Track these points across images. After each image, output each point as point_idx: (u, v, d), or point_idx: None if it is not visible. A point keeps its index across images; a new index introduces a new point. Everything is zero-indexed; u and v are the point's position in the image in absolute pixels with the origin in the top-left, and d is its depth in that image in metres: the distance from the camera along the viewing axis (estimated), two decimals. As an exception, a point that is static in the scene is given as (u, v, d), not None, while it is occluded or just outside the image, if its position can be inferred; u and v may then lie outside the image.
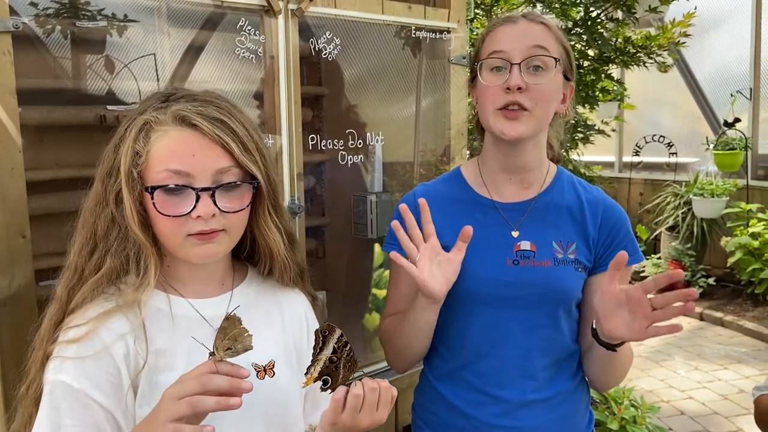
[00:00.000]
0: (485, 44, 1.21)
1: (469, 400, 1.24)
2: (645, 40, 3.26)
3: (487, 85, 1.17)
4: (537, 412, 1.23)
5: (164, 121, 0.94)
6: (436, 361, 1.31)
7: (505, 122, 1.16)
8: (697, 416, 3.44)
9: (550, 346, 1.24)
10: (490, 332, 1.22)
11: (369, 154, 1.98)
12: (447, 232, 1.23)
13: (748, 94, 5.51)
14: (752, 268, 4.69)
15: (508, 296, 1.20)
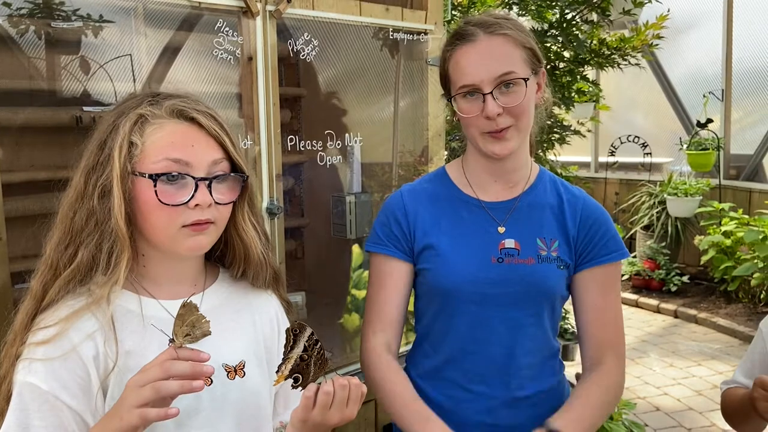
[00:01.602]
0: (451, 71, 1.21)
1: (453, 396, 1.25)
2: (619, 42, 3.31)
3: (465, 115, 1.19)
4: (520, 411, 1.25)
5: (160, 115, 0.96)
6: (420, 358, 1.31)
7: (494, 143, 1.19)
8: (672, 412, 3.50)
9: (534, 345, 1.26)
10: (475, 330, 1.23)
11: (347, 155, 1.99)
12: (434, 231, 1.25)
13: (720, 95, 5.62)
14: (725, 266, 4.78)
15: (493, 294, 1.22)
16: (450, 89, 1.23)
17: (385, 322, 1.27)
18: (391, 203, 1.30)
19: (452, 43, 1.21)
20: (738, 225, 4.78)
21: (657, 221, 5.62)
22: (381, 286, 1.28)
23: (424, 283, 1.27)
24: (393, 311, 1.28)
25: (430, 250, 1.24)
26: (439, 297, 1.24)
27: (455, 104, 1.21)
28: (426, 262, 1.25)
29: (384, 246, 1.28)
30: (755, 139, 5.58)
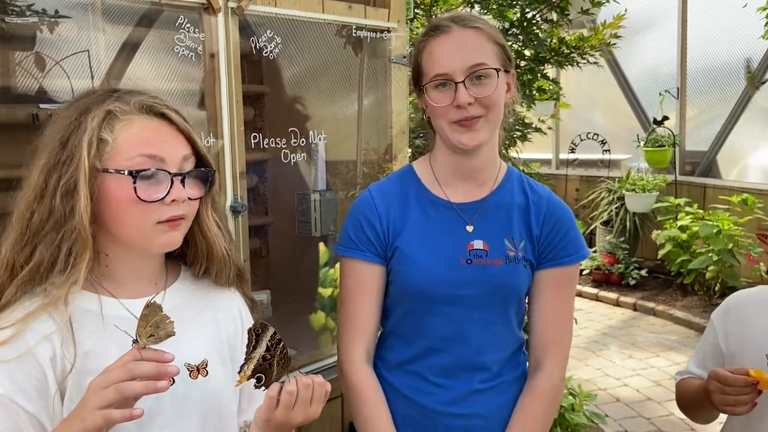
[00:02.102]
0: (424, 62, 1.21)
1: (419, 389, 1.26)
2: (578, 41, 3.38)
3: (436, 105, 1.19)
4: (484, 399, 1.27)
5: (129, 111, 0.95)
6: (387, 353, 1.31)
7: (463, 133, 1.19)
8: (631, 402, 3.60)
9: (502, 341, 1.29)
10: (445, 330, 1.24)
11: (312, 153, 1.99)
12: (404, 233, 1.25)
13: (676, 93, 5.79)
14: (681, 259, 4.93)
15: (462, 295, 1.23)
16: (421, 81, 1.22)
17: (364, 330, 1.27)
18: (363, 205, 1.28)
19: (426, 35, 1.22)
20: (693, 219, 4.93)
21: (616, 217, 5.77)
22: (357, 292, 1.26)
23: (393, 284, 1.27)
24: (371, 318, 1.27)
25: (400, 251, 1.24)
26: (409, 298, 1.25)
27: (426, 95, 1.21)
28: (396, 264, 1.25)
29: (358, 250, 1.25)
30: (709, 136, 5.77)
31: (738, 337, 1.25)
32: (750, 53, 5.23)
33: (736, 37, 5.29)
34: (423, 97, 1.24)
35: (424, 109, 1.28)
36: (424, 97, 1.23)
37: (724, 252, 4.58)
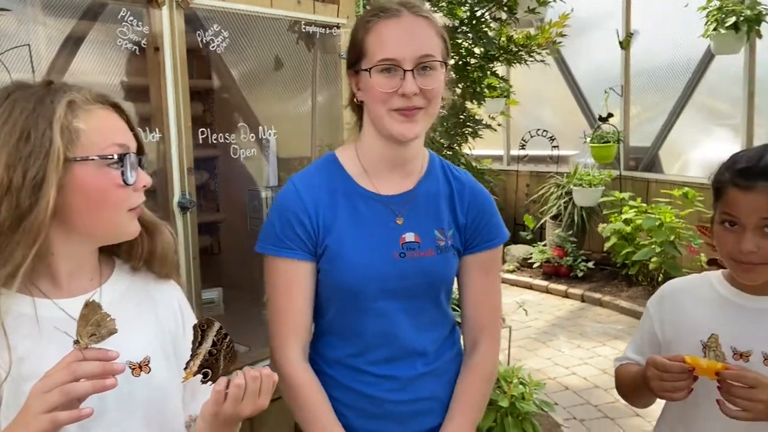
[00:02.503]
0: (370, 43, 1.16)
1: (364, 381, 1.27)
2: (525, 40, 3.46)
3: (380, 90, 1.15)
4: (429, 382, 1.30)
5: (88, 101, 0.95)
6: (325, 350, 1.31)
7: (403, 123, 1.16)
8: (580, 390, 3.72)
9: (436, 325, 1.32)
10: (383, 325, 1.25)
11: (263, 148, 1.98)
12: (335, 229, 1.22)
13: (620, 91, 5.98)
14: (626, 251, 5.10)
15: (397, 289, 1.24)
16: (362, 62, 1.18)
17: (299, 329, 1.25)
18: (290, 201, 1.23)
19: (374, 15, 1.17)
20: (637, 213, 5.11)
21: (564, 211, 5.92)
22: (289, 291, 1.23)
23: (325, 283, 1.25)
24: (305, 318, 1.26)
25: (332, 250, 1.22)
26: (343, 296, 1.24)
27: (368, 77, 1.16)
28: (328, 263, 1.23)
29: (288, 249, 1.21)
30: (652, 133, 5.98)
31: (673, 324, 1.30)
32: (691, 52, 5.44)
33: (678, 36, 5.49)
34: (360, 78, 1.19)
35: (355, 91, 1.23)
36: (362, 79, 1.18)
37: (666, 244, 4.76)
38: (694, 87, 5.55)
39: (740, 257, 1.16)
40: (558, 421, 3.23)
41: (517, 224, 6.69)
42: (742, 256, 1.15)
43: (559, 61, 6.38)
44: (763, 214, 1.12)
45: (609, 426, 3.32)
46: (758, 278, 1.17)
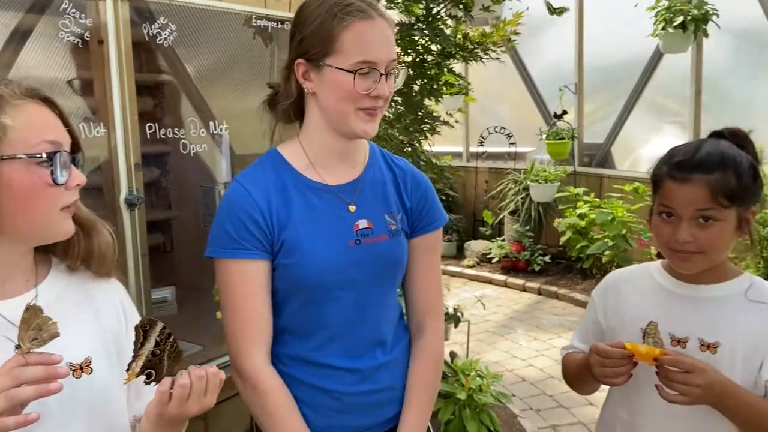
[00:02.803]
0: (348, 41, 1.15)
1: (324, 376, 1.27)
2: (481, 37, 3.50)
3: (355, 90, 1.16)
4: (389, 371, 1.31)
5: (18, 95, 0.91)
6: (283, 349, 1.29)
7: (368, 122, 1.20)
8: (536, 381, 3.79)
9: (393, 312, 1.34)
10: (344, 314, 1.25)
11: (216, 144, 1.96)
12: (290, 224, 1.22)
13: (574, 89, 6.11)
14: (580, 245, 5.23)
15: (357, 276, 1.24)
16: (330, 56, 1.16)
17: (263, 331, 1.23)
18: (239, 201, 1.21)
19: (347, 13, 1.16)
20: (591, 208, 5.24)
21: (522, 206, 6.03)
22: (249, 293, 1.21)
23: (284, 278, 1.24)
24: (268, 320, 1.24)
25: (289, 244, 1.21)
26: (304, 289, 1.23)
27: (336, 74, 1.15)
28: (286, 258, 1.22)
29: (244, 250, 1.19)
30: (605, 130, 6.13)
31: (615, 313, 1.34)
32: (641, 51, 5.59)
33: (629, 36, 5.64)
34: (321, 72, 1.18)
35: (302, 82, 1.21)
36: (325, 74, 1.17)
37: (618, 237, 4.90)
38: (644, 85, 5.71)
39: (677, 247, 1.20)
40: (515, 412, 3.29)
41: (477, 220, 6.77)
42: (678, 246, 1.19)
43: (515, 59, 6.48)
44: (698, 206, 1.16)
45: (564, 414, 3.40)
46: (694, 268, 1.22)
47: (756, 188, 1.20)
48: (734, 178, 1.16)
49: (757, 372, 1.17)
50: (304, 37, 1.18)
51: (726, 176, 1.16)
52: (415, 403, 1.32)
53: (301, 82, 1.21)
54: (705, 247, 1.17)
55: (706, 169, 1.16)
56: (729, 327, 1.19)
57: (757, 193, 1.20)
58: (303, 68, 1.20)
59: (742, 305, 1.20)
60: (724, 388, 1.13)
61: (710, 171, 1.16)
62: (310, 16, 1.18)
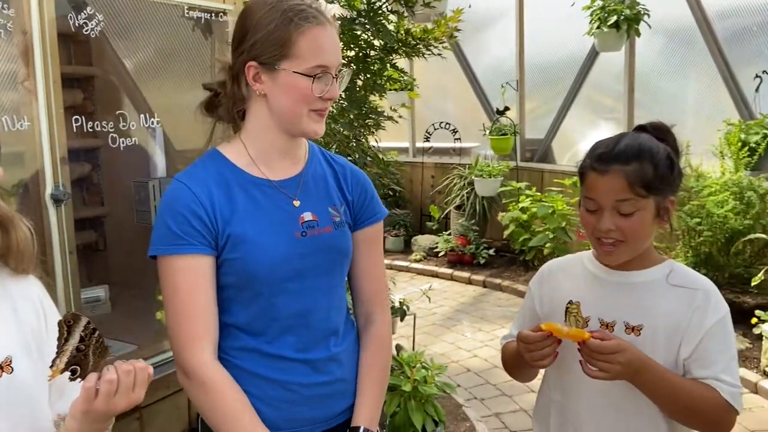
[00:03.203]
0: (305, 45, 1.19)
1: (278, 368, 1.26)
2: (423, 33, 3.53)
3: (311, 94, 1.20)
4: (341, 361, 1.33)
5: None
6: (233, 342, 1.28)
7: (319, 122, 1.25)
8: (480, 371, 3.87)
9: (341, 302, 1.36)
10: (295, 306, 1.26)
11: (149, 138, 1.91)
12: (235, 219, 1.22)
13: (516, 85, 6.25)
14: (522, 238, 5.35)
15: (305, 268, 1.26)
16: (285, 60, 1.19)
17: (209, 327, 1.22)
18: (180, 197, 1.21)
19: (306, 19, 1.19)
20: (532, 201, 5.37)
21: (467, 201, 6.13)
22: (196, 291, 1.20)
23: (232, 273, 1.23)
24: (213, 315, 1.23)
25: (235, 238, 1.22)
26: (254, 283, 1.23)
27: (291, 77, 1.19)
28: (233, 252, 1.22)
29: (188, 245, 1.18)
30: (545, 126, 6.30)
31: (550, 300, 1.39)
32: (578, 49, 5.76)
33: (567, 34, 5.80)
34: (275, 74, 1.20)
35: (251, 83, 1.22)
36: (279, 76, 1.20)
37: (558, 230, 5.04)
38: (582, 83, 5.90)
39: (600, 236, 1.25)
40: (459, 402, 3.35)
41: (424, 215, 6.84)
42: (602, 235, 1.24)
43: (459, 56, 6.57)
44: (618, 196, 1.22)
45: (506, 402, 3.48)
46: (618, 259, 1.27)
47: (673, 178, 1.25)
48: (651, 169, 1.21)
49: (677, 351, 1.23)
50: (256, 41, 1.20)
51: (643, 167, 1.21)
52: (369, 392, 1.34)
53: (251, 85, 1.23)
54: (626, 236, 1.23)
55: (623, 161, 1.22)
56: (651, 310, 1.25)
57: (675, 183, 1.26)
58: (254, 71, 1.22)
59: (663, 290, 1.26)
60: (641, 365, 1.18)
61: (628, 162, 1.21)
62: (262, 20, 1.20)
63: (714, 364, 1.20)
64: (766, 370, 3.52)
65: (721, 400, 1.18)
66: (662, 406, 1.23)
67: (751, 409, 3.33)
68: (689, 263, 4.21)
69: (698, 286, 1.25)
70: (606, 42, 5.03)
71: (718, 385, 1.19)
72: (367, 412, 1.33)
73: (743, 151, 4.24)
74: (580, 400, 1.32)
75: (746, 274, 4.17)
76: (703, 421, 1.23)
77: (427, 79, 6.76)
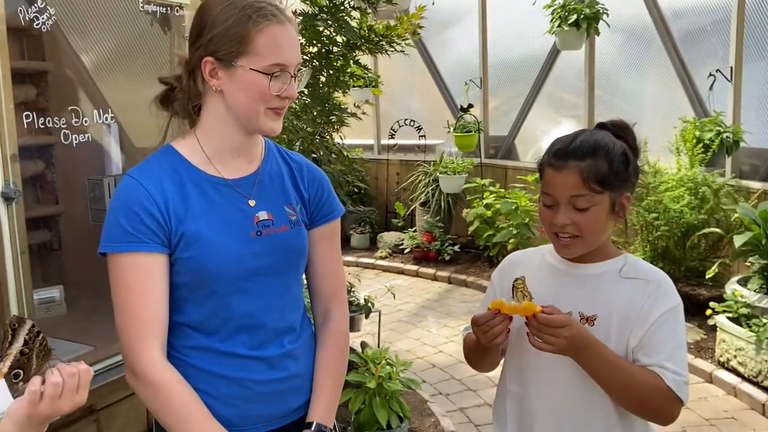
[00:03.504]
0: (263, 43, 1.18)
1: (231, 365, 1.25)
2: (385, 30, 3.53)
3: (269, 92, 1.20)
4: (297, 358, 1.32)
5: None
6: (185, 341, 1.27)
7: (276, 120, 1.24)
8: (445, 366, 3.90)
9: (298, 300, 1.36)
10: (249, 305, 1.25)
11: (104, 134, 1.87)
12: (189, 217, 1.21)
13: (480, 83, 6.31)
14: (487, 234, 5.41)
15: (260, 267, 1.25)
16: (243, 57, 1.18)
17: (158, 326, 1.20)
18: (132, 194, 1.20)
19: (265, 17, 1.19)
20: (496, 198, 5.43)
21: (432, 198, 6.17)
22: (146, 289, 1.18)
23: (185, 272, 1.22)
24: (163, 314, 1.21)
25: (189, 237, 1.20)
26: (207, 282, 1.22)
27: (249, 75, 1.18)
28: (187, 251, 1.21)
29: (140, 243, 1.17)
30: (508, 123, 6.37)
31: (509, 290, 1.40)
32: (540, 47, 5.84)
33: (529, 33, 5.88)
34: (233, 71, 1.19)
35: (208, 79, 1.21)
36: (236, 73, 1.19)
37: (521, 226, 5.11)
38: (544, 80, 5.99)
39: (557, 230, 1.27)
40: (425, 397, 3.37)
41: (389, 212, 6.86)
42: (558, 230, 1.27)
43: (424, 54, 6.60)
44: (572, 192, 1.24)
45: (471, 396, 3.52)
46: (574, 253, 1.30)
47: (628, 175, 1.28)
48: (606, 165, 1.24)
49: (627, 341, 1.26)
50: (214, 36, 1.19)
51: (597, 163, 1.24)
52: (325, 388, 1.34)
53: (208, 80, 1.22)
54: (582, 231, 1.25)
55: (578, 157, 1.24)
56: (605, 301, 1.28)
57: (630, 180, 1.29)
58: (211, 66, 1.21)
59: (617, 281, 1.29)
60: (585, 342, 1.21)
61: (582, 158, 1.24)
62: (221, 15, 1.19)
63: (659, 352, 1.23)
64: (720, 360, 3.64)
65: (664, 386, 1.21)
66: (605, 387, 1.25)
67: (706, 399, 3.45)
68: (647, 257, 4.32)
69: (650, 277, 1.29)
70: (566, 40, 5.11)
71: (661, 371, 1.22)
72: (322, 408, 1.33)
73: (698, 148, 4.36)
74: (538, 392, 1.34)
75: (701, 267, 4.30)
76: (647, 406, 1.25)
77: (391, 76, 6.78)
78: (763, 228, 3.72)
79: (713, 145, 4.32)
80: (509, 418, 1.41)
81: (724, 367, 3.60)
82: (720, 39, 4.79)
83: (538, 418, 1.34)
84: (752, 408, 3.31)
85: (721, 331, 3.63)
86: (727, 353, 3.58)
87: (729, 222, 4.21)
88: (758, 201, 4.27)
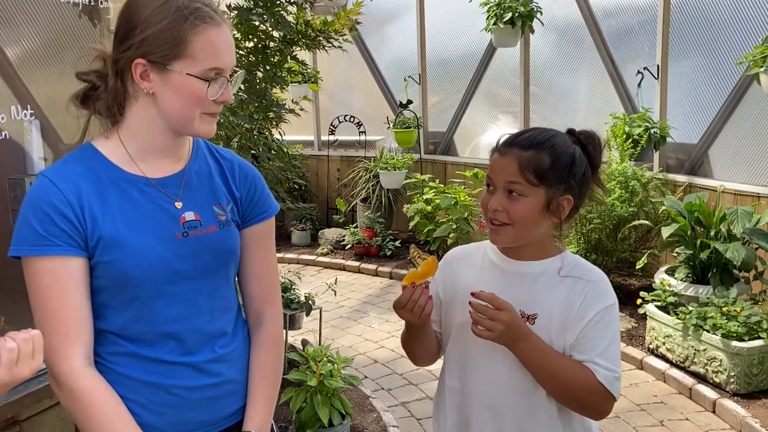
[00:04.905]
0: (199, 46, 1.14)
1: (158, 372, 1.21)
2: (322, 25, 3.50)
3: (206, 97, 1.17)
4: (229, 363, 1.29)
5: None
6: (109, 348, 1.22)
7: (210, 124, 1.22)
8: (387, 362, 3.92)
9: (228, 303, 1.31)
10: (175, 310, 1.21)
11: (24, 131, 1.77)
12: (108, 219, 1.16)
13: (419, 79, 6.35)
14: (427, 229, 5.47)
15: (185, 269, 1.21)
16: (178, 60, 1.14)
17: (81, 332, 1.16)
18: (45, 194, 1.14)
19: (202, 19, 1.14)
20: (436, 193, 5.49)
21: (373, 193, 6.18)
22: (63, 292, 1.14)
23: (106, 276, 1.18)
24: (84, 318, 1.16)
25: (108, 240, 1.16)
26: (130, 286, 1.18)
27: (185, 79, 1.15)
28: (106, 254, 1.16)
29: (53, 246, 1.12)
30: (447, 119, 6.45)
31: (451, 286, 1.42)
32: (477, 45, 5.93)
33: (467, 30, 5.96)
34: (167, 75, 1.15)
35: (139, 81, 1.17)
36: (170, 77, 1.15)
37: (461, 220, 5.19)
38: (481, 77, 6.09)
39: (489, 215, 1.29)
40: (366, 393, 3.37)
41: (330, 208, 6.83)
42: (490, 214, 1.29)
43: (363, 50, 6.59)
44: (508, 177, 1.26)
45: (413, 391, 3.55)
46: (503, 241, 1.32)
47: (572, 177, 1.28)
48: (548, 160, 1.25)
49: (564, 339, 1.29)
50: (146, 38, 1.14)
51: (539, 156, 1.25)
52: (260, 395, 1.32)
53: (138, 82, 1.17)
54: (512, 218, 1.27)
55: (523, 147, 1.27)
56: (545, 300, 1.30)
57: (573, 184, 1.28)
58: (142, 68, 1.16)
59: (555, 281, 1.31)
60: (519, 332, 1.25)
61: (526, 149, 1.26)
62: (154, 15, 1.14)
63: (592, 350, 1.26)
64: (650, 347, 3.81)
65: (596, 382, 1.24)
66: (539, 379, 1.28)
67: (638, 384, 3.60)
68: (581, 249, 4.46)
69: (588, 277, 1.31)
70: (502, 38, 5.22)
71: (594, 367, 1.25)
72: (258, 416, 1.31)
73: (628, 143, 4.54)
74: (477, 387, 1.36)
75: (632, 258, 4.48)
76: (579, 400, 1.28)
77: (331, 72, 6.75)
78: (688, 220, 3.91)
79: (642, 141, 4.51)
80: (449, 413, 1.42)
81: (653, 353, 3.77)
82: (647, 38, 5.00)
83: (476, 413, 1.36)
84: (680, 392, 3.48)
85: (650, 320, 3.80)
86: (657, 340, 3.74)
87: (657, 214, 4.40)
88: (684, 194, 4.50)
